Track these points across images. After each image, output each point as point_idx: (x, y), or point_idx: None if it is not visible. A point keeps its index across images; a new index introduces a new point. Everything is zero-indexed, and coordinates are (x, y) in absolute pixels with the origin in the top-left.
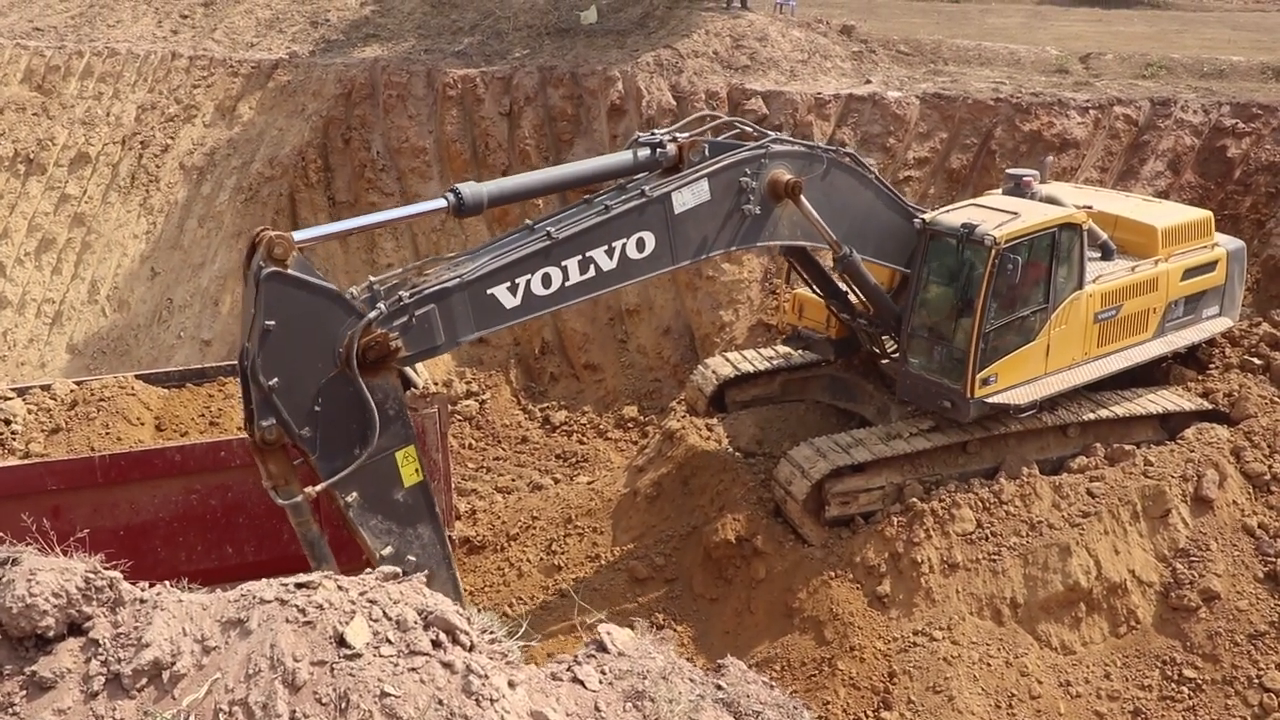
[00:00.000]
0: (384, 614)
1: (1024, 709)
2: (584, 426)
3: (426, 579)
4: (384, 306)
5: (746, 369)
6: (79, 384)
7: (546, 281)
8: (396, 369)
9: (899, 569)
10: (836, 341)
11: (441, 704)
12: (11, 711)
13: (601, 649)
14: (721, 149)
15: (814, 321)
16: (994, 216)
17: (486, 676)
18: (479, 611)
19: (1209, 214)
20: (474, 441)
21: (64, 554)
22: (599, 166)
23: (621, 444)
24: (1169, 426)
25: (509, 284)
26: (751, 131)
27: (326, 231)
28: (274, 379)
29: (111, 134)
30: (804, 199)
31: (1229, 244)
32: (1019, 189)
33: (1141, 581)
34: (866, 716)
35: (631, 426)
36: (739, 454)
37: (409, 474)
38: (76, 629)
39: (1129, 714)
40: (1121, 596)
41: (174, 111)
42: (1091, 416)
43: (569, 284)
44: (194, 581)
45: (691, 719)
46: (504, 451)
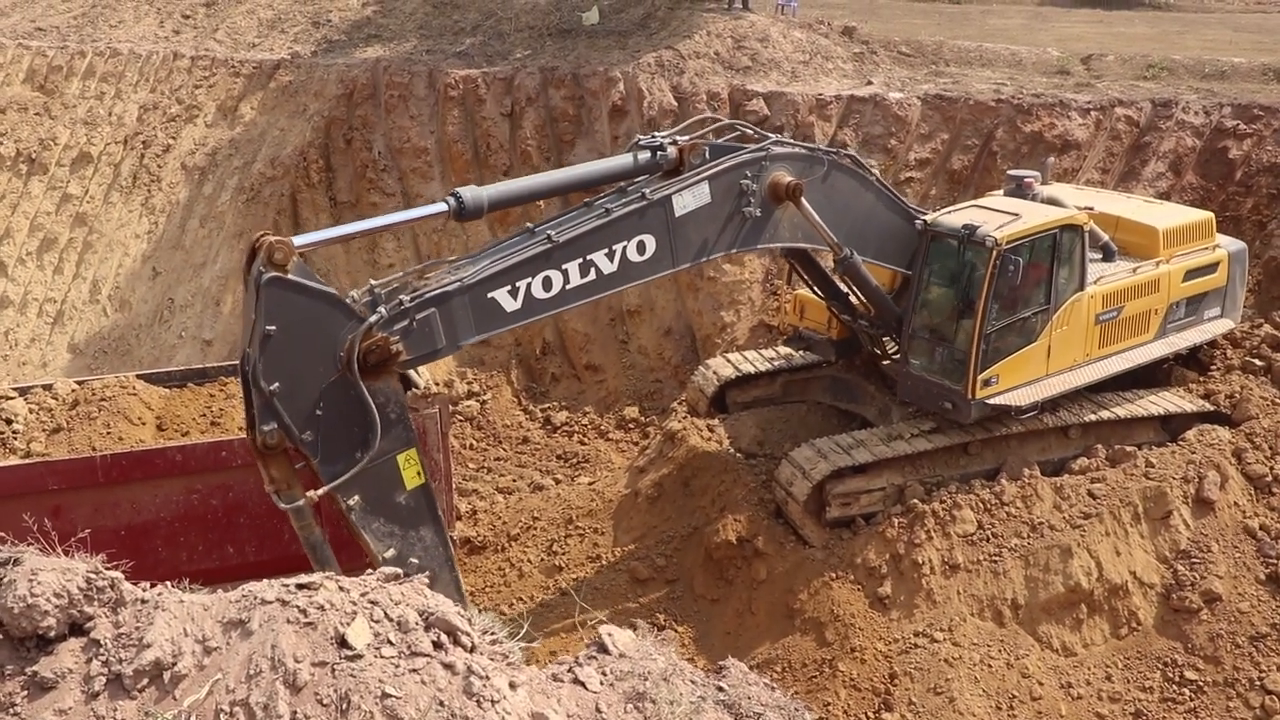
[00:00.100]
0: (385, 615)
1: (1025, 710)
2: (585, 427)
3: (429, 581)
4: (384, 310)
5: (748, 370)
6: (80, 384)
7: (547, 285)
8: (397, 372)
9: (900, 570)
10: (838, 342)
11: (442, 705)
12: (13, 712)
13: (603, 650)
14: (722, 151)
15: (815, 322)
16: (995, 218)
17: (488, 678)
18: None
19: (1210, 215)
20: (475, 442)
21: (65, 554)
22: (599, 170)
23: (622, 445)
24: (1170, 428)
25: (510, 287)
26: (752, 134)
27: (326, 236)
28: (275, 384)
29: (113, 134)
30: (805, 201)
31: (1230, 245)
32: (1020, 190)
33: (1143, 583)
34: (867, 718)
35: (633, 427)
36: (740, 455)
37: (410, 477)
38: (78, 629)
39: (1130, 716)
40: (1123, 598)
41: (176, 111)
42: (1093, 418)
43: (570, 287)
44: (195, 582)
45: None
46: (505, 452)
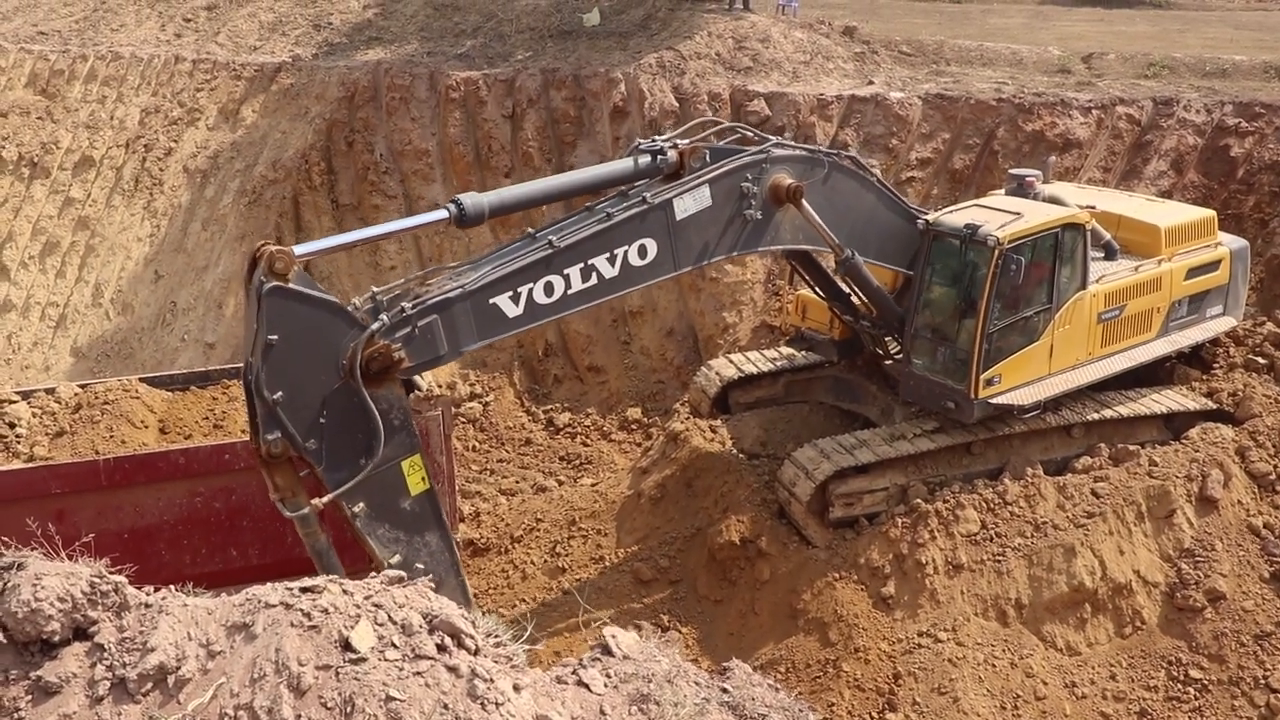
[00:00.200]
0: (389, 618)
1: (1029, 710)
2: (588, 428)
3: (435, 586)
4: (386, 318)
5: (750, 370)
6: (83, 387)
7: (549, 290)
8: (400, 379)
9: (903, 570)
10: (840, 343)
11: (446, 708)
12: (17, 716)
13: (606, 652)
14: (723, 154)
15: (817, 323)
16: (997, 217)
17: (491, 680)
18: (483, 614)
19: (1212, 213)
20: (478, 443)
21: (69, 558)
22: (600, 174)
23: (625, 446)
24: (1173, 426)
25: (511, 293)
26: (753, 136)
27: (327, 245)
28: (278, 393)
29: (115, 137)
30: (806, 203)
31: (1232, 243)
32: (1022, 189)
33: (1147, 582)
34: (871, 718)
35: (635, 428)
36: (743, 455)
37: (415, 482)
38: (81, 633)
39: (1135, 715)
40: (1127, 597)
41: (177, 115)
42: (1096, 417)
43: (571, 292)
44: (199, 585)
45: None
46: (508, 453)
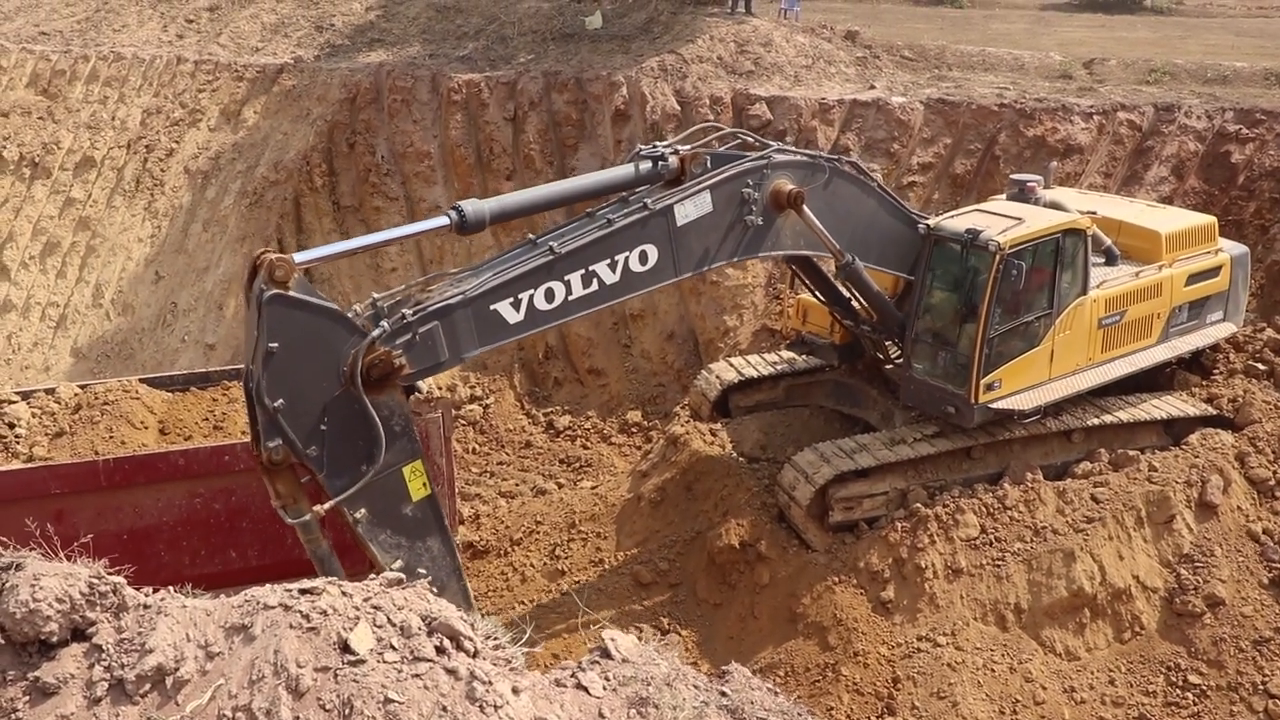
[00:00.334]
0: (388, 620)
1: (1028, 715)
2: (588, 431)
3: (437, 591)
4: (387, 324)
5: (750, 374)
6: (83, 388)
7: (550, 296)
8: (401, 386)
9: (903, 574)
10: (840, 347)
11: (445, 710)
12: (15, 717)
13: (605, 655)
14: (724, 160)
15: (818, 326)
16: (998, 222)
17: (490, 683)
18: (482, 617)
19: (1213, 219)
20: (478, 446)
21: (68, 559)
22: (601, 180)
23: (625, 449)
24: (1173, 432)
25: (512, 299)
26: (753, 142)
27: (328, 253)
28: (279, 400)
29: (116, 138)
30: (806, 209)
31: (1233, 249)
32: (1023, 194)
33: (1146, 587)
34: None
35: (635, 431)
36: (743, 459)
37: (416, 488)
38: (80, 634)
39: None
40: (1126, 602)
41: (179, 116)
42: (1096, 422)
43: (572, 298)
44: (198, 586)
45: None
46: (508, 456)
